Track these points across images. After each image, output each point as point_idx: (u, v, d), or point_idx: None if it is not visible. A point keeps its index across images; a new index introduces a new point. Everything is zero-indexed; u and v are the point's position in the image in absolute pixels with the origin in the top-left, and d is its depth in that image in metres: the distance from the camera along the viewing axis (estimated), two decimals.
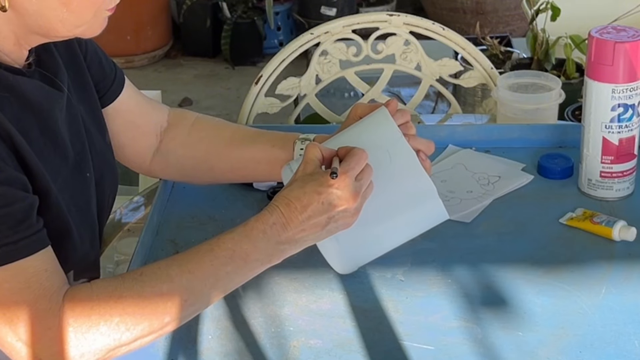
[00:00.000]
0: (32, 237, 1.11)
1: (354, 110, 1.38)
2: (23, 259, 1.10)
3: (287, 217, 1.17)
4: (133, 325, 1.12)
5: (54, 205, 1.19)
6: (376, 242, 1.30)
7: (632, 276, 1.34)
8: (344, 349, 1.22)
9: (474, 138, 1.69)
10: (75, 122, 1.29)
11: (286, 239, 1.18)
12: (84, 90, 1.35)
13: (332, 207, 1.17)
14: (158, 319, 1.13)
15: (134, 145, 1.47)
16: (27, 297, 1.10)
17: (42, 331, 1.10)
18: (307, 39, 2.07)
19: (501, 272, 1.35)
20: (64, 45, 1.32)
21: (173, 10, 4.63)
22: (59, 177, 1.22)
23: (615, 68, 1.45)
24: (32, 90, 1.21)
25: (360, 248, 1.29)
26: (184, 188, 1.59)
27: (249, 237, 1.17)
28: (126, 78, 1.46)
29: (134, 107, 1.46)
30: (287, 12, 4.57)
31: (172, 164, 1.50)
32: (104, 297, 1.12)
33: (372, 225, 1.26)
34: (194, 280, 1.15)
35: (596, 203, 1.51)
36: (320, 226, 1.18)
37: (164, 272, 1.15)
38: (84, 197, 1.28)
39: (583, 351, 1.20)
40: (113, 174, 1.38)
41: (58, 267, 1.15)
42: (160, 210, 1.52)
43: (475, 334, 1.23)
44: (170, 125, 1.50)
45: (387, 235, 1.29)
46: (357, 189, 1.19)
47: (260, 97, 2.06)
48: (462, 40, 2.09)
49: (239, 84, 4.26)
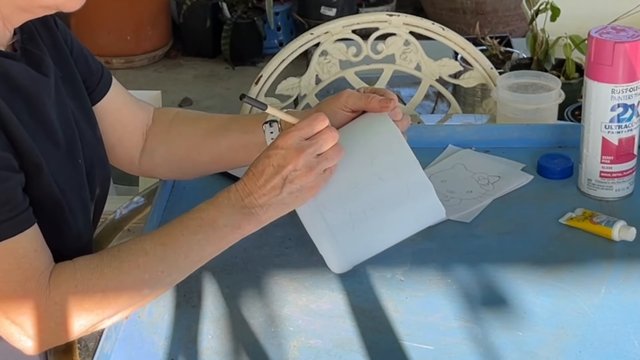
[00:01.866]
0: (18, 218, 1.14)
1: (344, 99, 1.34)
2: (11, 239, 1.13)
3: (247, 183, 1.22)
4: (114, 299, 1.17)
5: (45, 182, 1.20)
6: (374, 240, 1.30)
7: (632, 276, 1.34)
8: (344, 349, 1.22)
9: (473, 138, 1.69)
10: (64, 111, 1.29)
11: (249, 203, 1.22)
12: (73, 84, 1.35)
13: (280, 167, 1.21)
14: (138, 292, 1.18)
15: (122, 145, 1.48)
16: (17, 277, 1.13)
17: (31, 310, 1.13)
18: (307, 39, 2.07)
19: (501, 272, 1.35)
20: (50, 40, 1.33)
21: (173, 10, 4.63)
22: (51, 160, 1.22)
23: (615, 68, 1.45)
24: (19, 73, 1.21)
25: (358, 246, 1.29)
26: (184, 188, 1.59)
27: (214, 204, 1.23)
28: (114, 78, 1.46)
29: (121, 106, 1.47)
30: (287, 12, 4.57)
31: (158, 162, 1.50)
32: (87, 275, 1.16)
33: (370, 222, 1.26)
34: (168, 251, 1.20)
35: (596, 203, 1.51)
36: (278, 188, 1.21)
37: (139, 247, 1.20)
38: (76, 181, 1.28)
39: (583, 351, 1.20)
40: (104, 167, 1.39)
41: (45, 246, 1.17)
42: (160, 210, 1.52)
43: (475, 334, 1.23)
44: (153, 123, 1.51)
45: (385, 233, 1.29)
46: (302, 146, 1.21)
47: (260, 97, 2.07)
48: (462, 41, 2.10)
49: (239, 84, 4.26)
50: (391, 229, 1.29)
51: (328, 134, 1.22)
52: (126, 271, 1.17)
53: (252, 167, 1.23)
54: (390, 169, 1.26)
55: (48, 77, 1.26)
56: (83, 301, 1.15)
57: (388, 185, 1.26)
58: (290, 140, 1.21)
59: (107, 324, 1.18)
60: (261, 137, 1.40)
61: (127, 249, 1.20)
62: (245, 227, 1.22)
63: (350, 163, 1.26)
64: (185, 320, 1.28)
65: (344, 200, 1.26)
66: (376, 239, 1.30)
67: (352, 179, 1.26)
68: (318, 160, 1.21)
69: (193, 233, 1.21)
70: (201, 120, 1.50)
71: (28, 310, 1.13)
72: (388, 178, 1.26)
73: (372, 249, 1.31)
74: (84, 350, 1.25)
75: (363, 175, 1.26)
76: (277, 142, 1.22)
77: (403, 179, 1.26)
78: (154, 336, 1.25)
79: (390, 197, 1.26)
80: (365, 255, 1.32)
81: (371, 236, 1.29)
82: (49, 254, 1.17)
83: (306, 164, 1.21)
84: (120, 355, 1.22)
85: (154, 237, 1.21)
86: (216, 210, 1.22)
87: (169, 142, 1.49)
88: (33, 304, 1.13)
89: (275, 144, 1.22)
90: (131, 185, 2.46)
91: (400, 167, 1.26)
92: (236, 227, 1.22)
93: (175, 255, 1.20)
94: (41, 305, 1.13)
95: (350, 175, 1.26)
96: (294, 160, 1.20)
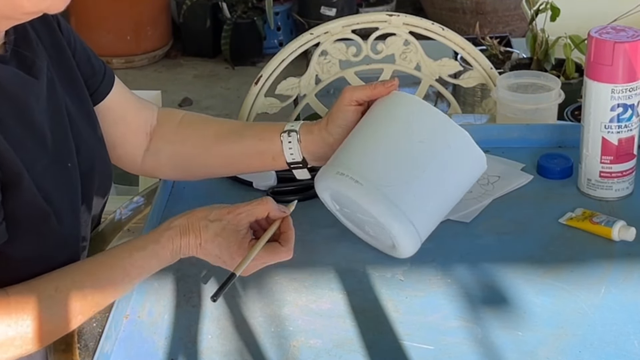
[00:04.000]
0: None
1: (349, 94, 1.37)
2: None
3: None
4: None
5: (27, 190, 1.19)
6: (436, 203, 1.33)
7: (632, 276, 1.34)
8: (344, 348, 1.22)
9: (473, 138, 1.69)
10: (57, 113, 1.29)
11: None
12: (73, 85, 1.35)
13: None
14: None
15: (124, 145, 1.48)
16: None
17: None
18: (307, 39, 2.08)
19: (501, 272, 1.35)
20: (50, 40, 1.32)
21: (173, 10, 4.63)
22: (37, 164, 1.22)
23: (615, 68, 1.45)
24: (7, 77, 1.21)
25: (424, 212, 1.31)
26: (184, 188, 1.59)
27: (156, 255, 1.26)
28: (116, 77, 1.46)
29: (124, 105, 1.47)
30: (287, 12, 4.57)
31: (163, 162, 1.50)
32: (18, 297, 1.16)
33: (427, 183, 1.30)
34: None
35: (596, 203, 1.51)
36: None
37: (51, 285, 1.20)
38: (65, 186, 1.28)
39: (583, 351, 1.20)
40: (105, 167, 1.39)
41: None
42: (160, 210, 1.52)
43: (475, 334, 1.24)
44: (159, 124, 1.51)
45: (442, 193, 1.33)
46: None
47: (260, 97, 2.07)
48: (462, 40, 2.10)
49: (239, 84, 4.26)
50: (445, 187, 1.33)
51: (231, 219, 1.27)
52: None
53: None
54: (426, 131, 1.31)
55: (38, 80, 1.25)
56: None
57: (429, 144, 1.30)
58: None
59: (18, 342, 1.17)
60: (278, 146, 1.41)
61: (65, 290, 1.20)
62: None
63: (389, 138, 1.31)
64: (185, 320, 1.28)
65: (397, 172, 1.29)
66: (437, 201, 1.33)
67: (396, 151, 1.31)
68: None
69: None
70: (212, 124, 1.51)
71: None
72: (427, 139, 1.30)
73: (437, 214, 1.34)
74: (84, 349, 1.25)
75: (405, 144, 1.31)
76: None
77: (440, 135, 1.31)
78: (154, 336, 1.25)
79: (435, 155, 1.31)
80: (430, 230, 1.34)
81: (433, 200, 1.32)
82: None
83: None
84: (120, 354, 1.22)
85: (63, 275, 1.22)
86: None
87: (177, 143, 1.49)
88: None
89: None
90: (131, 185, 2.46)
91: (434, 126, 1.32)
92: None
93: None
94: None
95: (393, 149, 1.31)
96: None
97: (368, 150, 1.32)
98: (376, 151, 1.31)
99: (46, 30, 1.32)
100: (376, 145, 1.32)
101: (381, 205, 1.28)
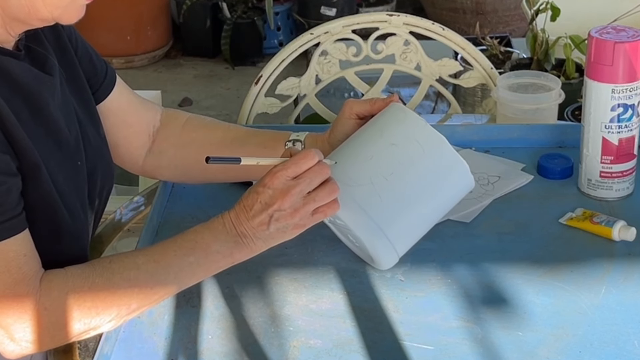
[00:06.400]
0: (9, 222, 1.14)
1: (348, 108, 1.39)
2: (1, 242, 1.13)
3: (238, 214, 1.22)
4: (103, 310, 1.16)
5: (44, 182, 1.20)
6: (419, 226, 1.32)
7: (632, 276, 1.34)
8: (344, 349, 1.22)
9: (473, 138, 1.69)
10: (69, 111, 1.30)
11: (241, 233, 1.21)
12: (77, 84, 1.35)
13: (267, 205, 1.20)
14: (126, 305, 1.18)
15: (126, 145, 1.48)
16: (6, 280, 1.13)
17: (19, 314, 1.13)
18: (307, 39, 2.07)
19: (501, 272, 1.35)
20: (54, 39, 1.33)
21: (173, 10, 4.63)
22: (51, 160, 1.22)
23: (615, 68, 1.45)
24: (21, 73, 1.21)
25: (394, 221, 1.29)
26: (184, 188, 1.59)
27: (209, 228, 1.23)
28: (118, 77, 1.46)
29: (125, 105, 1.47)
30: (287, 12, 4.57)
31: (164, 164, 1.50)
32: (78, 283, 1.16)
33: (394, 186, 1.28)
34: (159, 268, 1.20)
35: (596, 203, 1.51)
36: (265, 224, 1.21)
37: (131, 260, 1.20)
38: (75, 183, 1.28)
39: (583, 351, 1.20)
40: (107, 167, 1.39)
41: (35, 251, 1.17)
42: (160, 210, 1.52)
43: (475, 334, 1.24)
44: (163, 126, 1.51)
45: (413, 199, 1.30)
46: (288, 187, 1.20)
47: (260, 97, 2.07)
48: (462, 41, 2.10)
49: (239, 84, 4.26)
50: (416, 192, 1.30)
51: (317, 171, 1.21)
52: (117, 283, 1.17)
53: (244, 198, 1.22)
54: (399, 134, 1.30)
55: (52, 76, 1.27)
56: (72, 309, 1.15)
57: (400, 147, 1.29)
58: (277, 180, 1.20)
59: (92, 334, 1.18)
60: (281, 154, 1.41)
61: (119, 261, 1.20)
62: (236, 255, 1.22)
63: (363, 141, 1.31)
64: (185, 320, 1.28)
65: (364, 172, 1.28)
66: (421, 226, 1.31)
67: (367, 152, 1.30)
68: (306, 201, 1.21)
69: (185, 255, 1.21)
70: (217, 129, 1.51)
71: (15, 314, 1.13)
72: (399, 141, 1.29)
73: (416, 237, 1.32)
74: (84, 350, 1.25)
75: (376, 146, 1.30)
76: (265, 181, 1.21)
77: (413, 137, 1.30)
78: (154, 336, 1.25)
79: (405, 157, 1.29)
80: (410, 244, 1.32)
81: (401, 204, 1.29)
82: (38, 260, 1.17)
83: (292, 205, 1.20)
84: (120, 355, 1.22)
85: (147, 253, 1.22)
86: (211, 235, 1.22)
87: (180, 146, 1.49)
88: (21, 308, 1.13)
89: (264, 182, 1.21)
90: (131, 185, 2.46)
91: (408, 128, 1.30)
92: (228, 254, 1.22)
93: (165, 273, 1.20)
94: (29, 310, 1.13)
95: (364, 150, 1.30)
96: (279, 201, 1.20)
97: (345, 156, 1.31)
98: (350, 154, 1.31)
99: (50, 29, 1.32)
100: (350, 148, 1.32)
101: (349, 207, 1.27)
